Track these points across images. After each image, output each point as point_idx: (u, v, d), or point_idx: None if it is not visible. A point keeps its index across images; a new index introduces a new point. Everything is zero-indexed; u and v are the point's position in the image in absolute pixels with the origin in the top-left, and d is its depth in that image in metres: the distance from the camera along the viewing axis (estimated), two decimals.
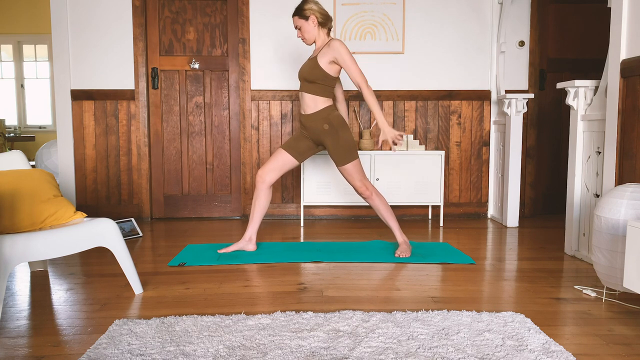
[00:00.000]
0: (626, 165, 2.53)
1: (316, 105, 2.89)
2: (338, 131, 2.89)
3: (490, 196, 4.33)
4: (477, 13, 4.22)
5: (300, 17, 2.85)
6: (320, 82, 2.87)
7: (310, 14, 2.83)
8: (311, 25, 2.85)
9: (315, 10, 2.83)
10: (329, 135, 2.90)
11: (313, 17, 2.83)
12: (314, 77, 2.85)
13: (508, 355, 1.64)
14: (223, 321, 1.92)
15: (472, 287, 2.41)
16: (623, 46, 2.56)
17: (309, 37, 2.89)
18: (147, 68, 4.20)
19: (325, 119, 2.89)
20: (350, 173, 2.92)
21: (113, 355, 1.63)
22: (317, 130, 2.92)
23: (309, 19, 2.84)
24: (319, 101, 2.89)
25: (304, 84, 2.92)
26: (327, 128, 2.89)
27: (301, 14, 2.84)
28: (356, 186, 2.95)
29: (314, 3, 2.85)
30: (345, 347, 1.69)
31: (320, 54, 2.84)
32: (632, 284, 1.89)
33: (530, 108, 4.29)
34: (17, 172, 2.29)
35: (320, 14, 2.84)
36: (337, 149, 2.90)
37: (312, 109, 2.91)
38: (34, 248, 2.03)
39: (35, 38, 7.64)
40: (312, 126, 2.93)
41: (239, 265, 2.79)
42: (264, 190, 3.01)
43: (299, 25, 2.88)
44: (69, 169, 4.20)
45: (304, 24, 2.85)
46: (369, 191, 2.95)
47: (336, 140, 2.89)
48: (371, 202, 2.98)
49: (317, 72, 2.84)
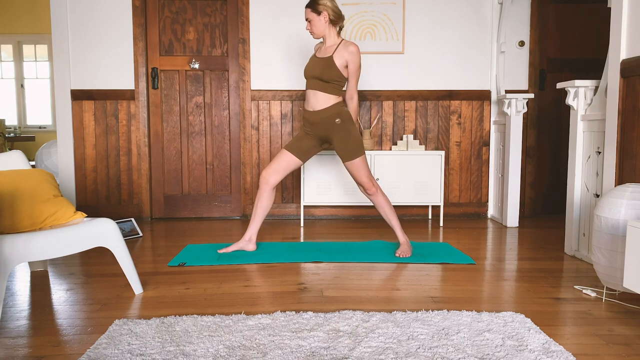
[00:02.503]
0: (626, 165, 2.53)
1: (327, 102, 2.91)
2: (348, 126, 2.91)
3: (490, 196, 4.33)
4: (477, 13, 4.22)
5: (313, 10, 2.85)
6: (335, 82, 2.88)
7: (323, 9, 2.83)
8: (322, 20, 2.85)
9: (329, 7, 2.83)
10: (339, 130, 2.90)
11: (325, 14, 2.83)
12: (330, 77, 2.86)
13: (508, 355, 1.64)
14: (223, 321, 1.92)
15: (472, 287, 2.41)
16: (623, 46, 2.56)
17: (318, 32, 2.89)
18: (147, 68, 4.20)
19: (338, 114, 2.90)
20: (358, 168, 2.93)
21: (113, 355, 1.63)
22: (326, 125, 2.92)
23: (321, 14, 2.84)
24: (330, 99, 2.91)
25: (315, 82, 2.91)
26: (340, 122, 2.90)
27: (314, 7, 2.84)
28: (363, 182, 2.95)
29: (333, 2, 2.85)
30: (345, 347, 1.69)
31: (336, 55, 2.85)
32: (632, 284, 1.89)
33: (530, 108, 4.29)
34: (17, 172, 2.29)
35: (333, 12, 2.84)
36: (347, 144, 2.90)
37: (322, 105, 2.91)
38: (34, 248, 2.03)
39: (35, 38, 7.64)
40: (321, 121, 2.92)
41: (239, 265, 2.79)
42: (267, 191, 3.01)
43: (309, 18, 2.87)
44: (69, 169, 4.20)
45: (315, 18, 2.85)
46: (375, 187, 2.95)
47: (347, 135, 2.90)
48: (375, 200, 2.98)
49: (334, 72, 2.85)
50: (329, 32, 2.89)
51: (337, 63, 2.84)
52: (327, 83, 2.88)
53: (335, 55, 2.85)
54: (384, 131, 4.26)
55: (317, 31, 2.88)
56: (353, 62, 2.85)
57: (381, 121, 4.25)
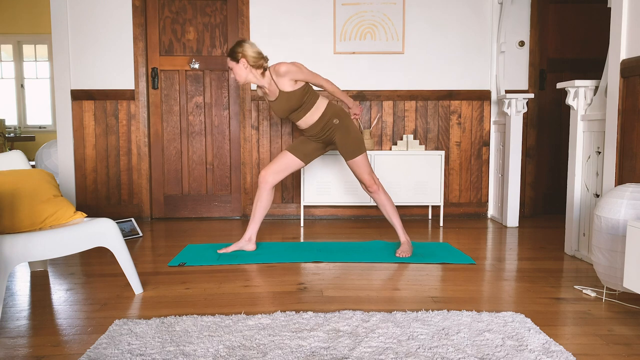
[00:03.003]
0: (626, 165, 2.53)
1: (317, 112, 2.91)
2: (346, 123, 2.92)
3: (490, 196, 4.33)
4: (477, 13, 4.22)
5: (232, 59, 2.83)
6: (306, 98, 2.88)
7: (241, 57, 2.80)
8: (242, 67, 2.82)
9: (247, 54, 2.79)
10: (339, 129, 2.91)
11: (243, 60, 2.80)
12: (299, 102, 2.86)
13: (508, 355, 1.64)
14: (223, 321, 1.92)
15: (472, 287, 2.41)
16: (623, 46, 2.56)
17: (241, 79, 2.86)
18: (147, 68, 4.20)
19: (334, 114, 2.91)
20: (360, 165, 2.94)
21: (113, 355, 1.63)
22: (326, 130, 2.93)
23: (240, 62, 2.81)
24: (318, 107, 2.91)
25: (294, 114, 2.92)
26: (338, 122, 2.91)
27: (232, 56, 2.83)
28: (365, 179, 2.96)
29: (248, 45, 2.82)
30: (345, 347, 1.69)
31: (281, 85, 2.83)
32: (632, 284, 1.89)
33: (530, 108, 4.29)
34: (17, 172, 2.29)
35: (252, 57, 2.80)
36: (347, 142, 2.91)
37: (315, 117, 2.91)
38: (34, 248, 2.03)
39: (35, 38, 7.64)
40: (320, 128, 2.94)
41: (239, 265, 2.79)
42: (266, 191, 3.02)
43: (230, 67, 2.86)
44: (69, 169, 4.20)
45: (235, 65, 2.83)
46: (377, 185, 2.96)
47: (347, 133, 2.92)
48: (377, 198, 2.99)
49: (296, 97, 2.84)
50: (254, 75, 2.84)
51: (289, 90, 2.83)
52: (302, 105, 2.89)
53: (280, 87, 2.83)
54: (384, 131, 4.26)
55: (240, 78, 2.85)
56: (296, 74, 2.80)
57: (381, 121, 4.25)
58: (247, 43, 2.82)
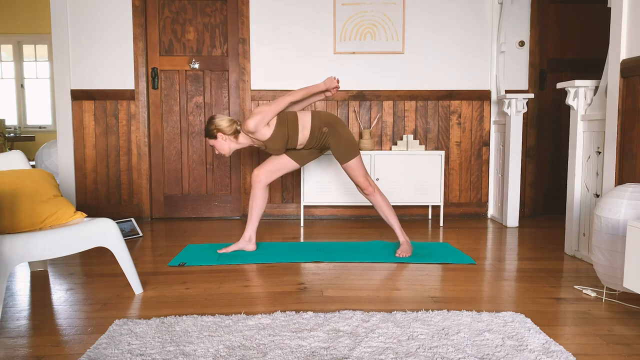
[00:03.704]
0: (626, 165, 2.53)
1: (306, 129, 2.90)
2: (336, 128, 2.92)
3: (490, 196, 4.33)
4: (477, 13, 4.22)
5: (210, 137, 2.90)
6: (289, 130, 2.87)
7: (216, 133, 2.86)
8: (221, 141, 2.89)
9: (220, 128, 2.85)
10: (330, 135, 2.92)
11: (220, 135, 2.87)
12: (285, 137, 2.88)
13: (508, 355, 1.64)
14: (223, 321, 1.92)
15: (472, 287, 2.41)
16: (623, 46, 2.56)
17: (225, 152, 2.93)
18: (147, 68, 4.20)
19: (322, 124, 2.91)
20: (354, 169, 2.94)
21: (113, 355, 1.63)
22: (321, 139, 2.93)
23: (218, 137, 2.88)
24: (304, 126, 2.90)
25: (290, 145, 2.93)
26: (327, 130, 2.91)
27: (209, 135, 2.89)
28: (360, 182, 2.96)
29: (218, 119, 2.87)
30: (345, 347, 1.69)
31: (260, 137, 2.85)
32: (632, 284, 1.89)
33: (530, 108, 4.29)
34: (17, 172, 2.29)
35: (226, 128, 2.86)
36: (340, 146, 2.91)
37: (307, 134, 2.92)
38: (34, 248, 2.03)
39: (35, 38, 7.64)
40: (316, 140, 2.94)
41: (239, 265, 2.79)
42: (260, 189, 3.03)
43: (211, 144, 2.93)
44: (69, 169, 4.20)
45: (215, 142, 2.90)
46: (372, 187, 2.96)
47: (339, 138, 2.92)
48: (373, 200, 2.99)
49: (280, 136, 2.86)
50: (235, 143, 2.92)
51: (269, 135, 2.85)
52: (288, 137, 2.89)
53: (260, 138, 2.86)
54: (384, 131, 4.26)
55: (224, 151, 2.92)
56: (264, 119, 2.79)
57: (381, 121, 4.25)
58: (216, 118, 2.88)
